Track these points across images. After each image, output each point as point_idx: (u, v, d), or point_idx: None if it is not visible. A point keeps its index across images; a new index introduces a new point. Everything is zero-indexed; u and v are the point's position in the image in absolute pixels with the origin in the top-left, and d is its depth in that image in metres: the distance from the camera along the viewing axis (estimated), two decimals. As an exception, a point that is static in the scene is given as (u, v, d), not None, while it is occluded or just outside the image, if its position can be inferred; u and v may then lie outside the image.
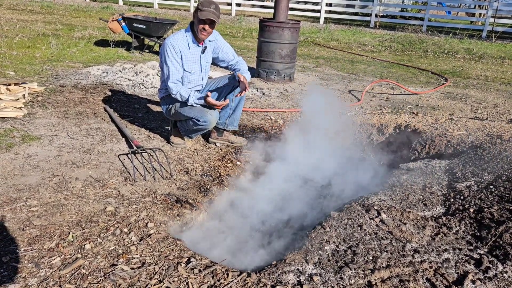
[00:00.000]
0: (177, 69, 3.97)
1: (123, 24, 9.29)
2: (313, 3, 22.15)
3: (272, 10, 8.58)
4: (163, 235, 2.82)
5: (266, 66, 7.46)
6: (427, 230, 2.92)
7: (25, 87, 5.60)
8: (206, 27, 3.88)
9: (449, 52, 12.90)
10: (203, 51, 4.13)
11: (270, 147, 4.57)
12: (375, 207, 3.16)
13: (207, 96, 3.90)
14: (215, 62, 4.38)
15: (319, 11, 21.07)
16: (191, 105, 4.01)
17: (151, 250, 2.64)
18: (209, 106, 4.02)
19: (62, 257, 2.52)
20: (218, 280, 2.38)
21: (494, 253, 2.66)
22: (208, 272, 2.44)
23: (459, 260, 2.58)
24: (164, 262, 2.53)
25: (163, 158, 4.04)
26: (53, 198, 3.18)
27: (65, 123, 4.75)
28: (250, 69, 4.95)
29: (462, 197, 3.37)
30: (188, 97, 3.97)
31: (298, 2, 23.38)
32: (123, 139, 4.45)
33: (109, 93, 6.05)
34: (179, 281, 2.36)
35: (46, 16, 15.65)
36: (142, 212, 3.09)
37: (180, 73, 4.02)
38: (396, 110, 6.11)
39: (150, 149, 4.01)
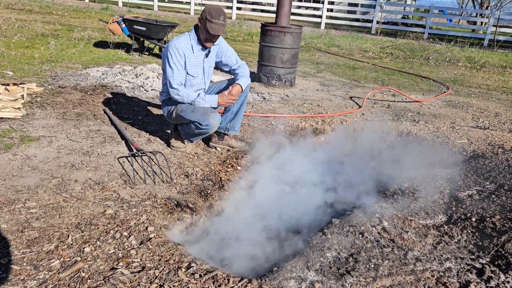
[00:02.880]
0: (181, 72, 3.98)
1: (123, 25, 9.32)
2: (314, 9, 22.24)
3: (272, 15, 8.63)
4: (163, 239, 2.83)
5: (267, 70, 7.49)
6: (429, 238, 2.94)
7: (23, 87, 5.60)
8: (215, 39, 3.99)
9: (450, 60, 12.96)
10: (207, 55, 4.14)
11: (271, 152, 4.58)
12: (377, 215, 3.18)
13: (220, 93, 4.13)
14: (218, 66, 4.41)
15: (320, 17, 21.16)
16: (198, 105, 4.02)
17: (151, 254, 2.65)
18: (214, 107, 4.09)
19: (61, 259, 2.53)
20: (219, 286, 2.38)
21: (496, 262, 2.68)
22: (209, 278, 2.45)
23: (461, 269, 2.59)
24: (165, 266, 2.54)
25: (163, 161, 4.05)
26: (52, 200, 3.19)
27: (64, 124, 4.76)
28: (251, 73, 4.97)
29: (464, 206, 3.39)
30: (197, 96, 4.00)
31: (299, 7, 23.45)
32: (123, 141, 4.46)
33: (109, 95, 6.06)
34: (179, 286, 2.37)
35: (45, 16, 15.68)
36: (142, 215, 3.10)
37: (183, 76, 4.04)
38: (397, 118, 6.14)
39: (150, 152, 4.02)
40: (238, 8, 23.35)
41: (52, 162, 3.81)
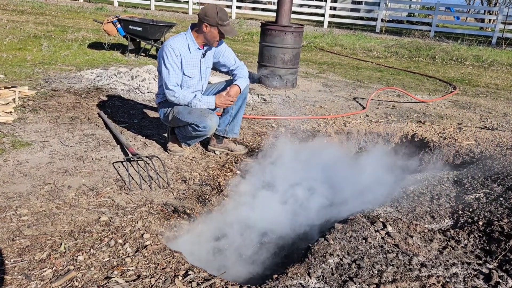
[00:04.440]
0: (177, 73, 4.00)
1: (119, 26, 9.34)
2: (317, 7, 22.28)
3: (273, 14, 8.65)
4: (159, 247, 2.83)
5: (267, 71, 7.50)
6: (434, 243, 2.94)
7: (15, 91, 5.62)
8: (223, 38, 4.09)
9: (457, 59, 12.98)
10: (204, 55, 4.16)
11: (271, 156, 4.59)
12: (381, 219, 3.18)
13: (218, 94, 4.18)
14: (216, 67, 4.42)
15: (323, 15, 21.20)
16: (195, 107, 4.04)
17: (147, 262, 2.65)
18: (212, 109, 4.11)
19: (53, 268, 2.53)
20: (217, 294, 2.39)
21: (504, 267, 2.68)
22: (207, 286, 2.45)
23: (468, 275, 2.59)
24: (161, 274, 2.54)
25: (159, 166, 4.05)
26: (45, 207, 3.20)
27: (57, 128, 4.77)
28: (250, 74, 4.98)
29: (471, 210, 3.39)
30: (194, 97, 4.02)
31: (301, 6, 23.48)
32: (118, 146, 4.47)
33: (104, 98, 6.08)
34: (176, 295, 2.37)
35: (38, 16, 15.73)
36: (137, 222, 3.10)
37: (180, 77, 4.05)
38: (402, 119, 6.14)
39: (146, 156, 4.02)
40: (238, 7, 23.40)
41: (45, 168, 3.82)
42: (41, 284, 2.40)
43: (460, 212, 3.37)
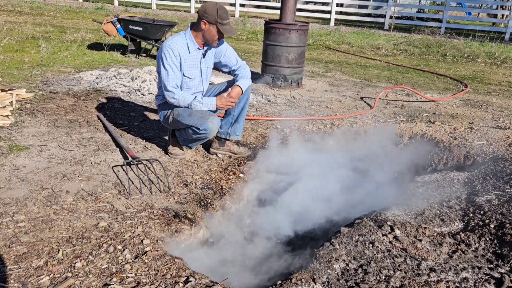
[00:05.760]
0: (176, 74, 4.01)
1: (118, 26, 9.36)
2: (323, 4, 22.25)
3: (278, 11, 8.65)
4: (159, 253, 2.84)
5: (272, 71, 7.51)
6: (444, 247, 2.93)
7: (12, 93, 5.65)
8: (222, 37, 4.08)
9: (469, 56, 12.92)
10: (204, 55, 4.17)
11: (275, 158, 4.59)
12: (389, 223, 3.17)
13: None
14: (217, 67, 4.43)
15: (329, 12, 21.16)
16: (195, 108, 4.04)
17: (147, 268, 2.66)
18: (213, 111, 4.11)
19: (51, 276, 2.54)
20: (219, 301, 2.39)
21: (517, 272, 2.67)
22: (208, 292, 2.46)
23: (479, 280, 2.59)
24: (161, 281, 2.55)
25: (160, 169, 4.06)
26: (42, 212, 3.21)
27: (55, 132, 4.79)
28: (254, 74, 4.97)
29: (482, 212, 3.38)
30: (194, 99, 4.03)
31: (306, 3, 23.48)
32: (118, 149, 4.49)
33: (103, 100, 6.10)
34: (176, 302, 2.38)
35: (36, 17, 15.81)
36: (137, 228, 3.11)
37: (179, 78, 4.06)
38: (411, 119, 6.13)
39: (147, 160, 4.04)
40: (242, 5, 23.38)
41: (42, 173, 3.84)
42: (38, 292, 2.42)
43: (471, 215, 3.36)
